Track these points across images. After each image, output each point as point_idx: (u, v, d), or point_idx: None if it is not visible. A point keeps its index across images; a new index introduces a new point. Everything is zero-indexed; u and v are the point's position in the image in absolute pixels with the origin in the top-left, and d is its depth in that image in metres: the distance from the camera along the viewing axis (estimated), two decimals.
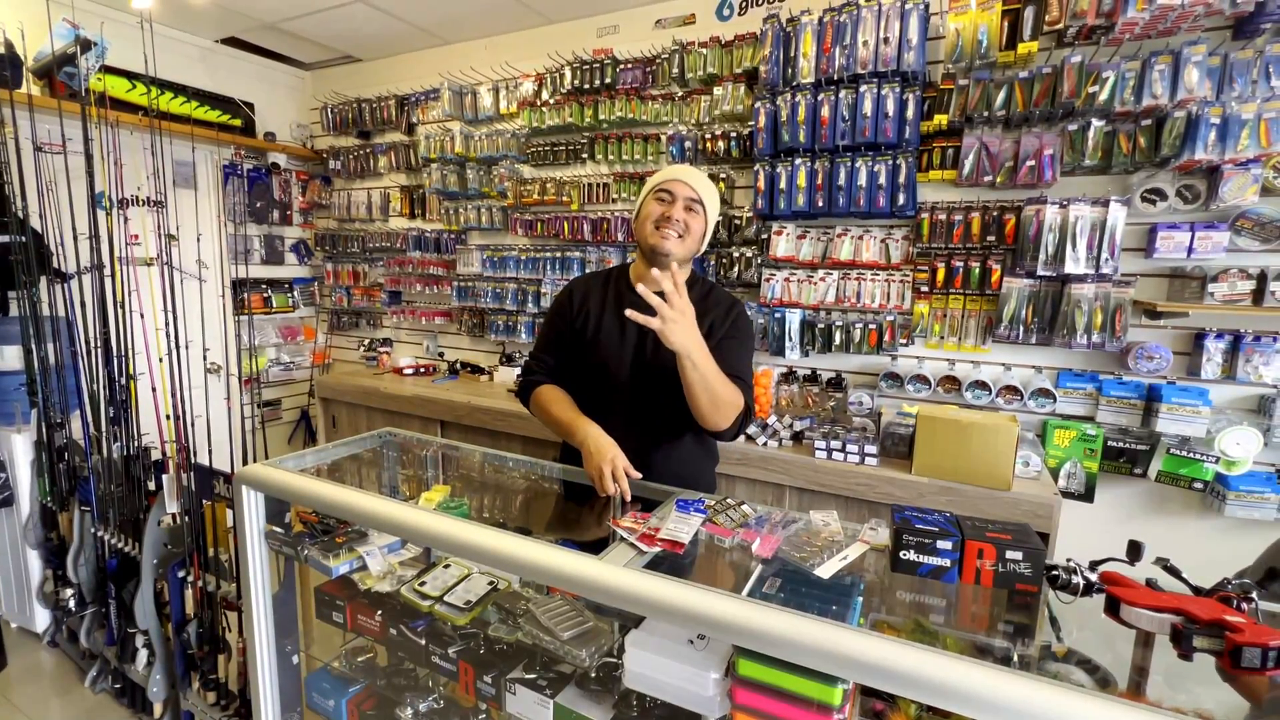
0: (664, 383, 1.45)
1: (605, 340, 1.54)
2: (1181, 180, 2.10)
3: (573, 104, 3.07)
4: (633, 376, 1.52)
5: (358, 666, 1.61)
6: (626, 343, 1.53)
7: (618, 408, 1.52)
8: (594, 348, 1.55)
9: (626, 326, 1.50)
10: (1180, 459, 2.12)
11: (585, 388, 1.58)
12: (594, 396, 1.55)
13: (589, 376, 1.57)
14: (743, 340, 1.54)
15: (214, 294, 3.42)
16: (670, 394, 1.44)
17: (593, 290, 1.60)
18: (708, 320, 1.49)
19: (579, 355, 1.58)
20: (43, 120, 2.49)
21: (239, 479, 1.44)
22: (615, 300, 1.56)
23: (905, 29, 2.28)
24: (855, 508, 2.19)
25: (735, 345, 1.51)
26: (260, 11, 3.22)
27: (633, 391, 1.52)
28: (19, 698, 2.30)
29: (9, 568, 2.62)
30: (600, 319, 1.56)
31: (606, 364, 1.54)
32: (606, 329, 1.55)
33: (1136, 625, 0.83)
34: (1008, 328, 2.30)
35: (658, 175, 1.53)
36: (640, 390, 1.52)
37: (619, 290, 1.58)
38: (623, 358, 1.53)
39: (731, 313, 1.54)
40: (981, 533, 0.97)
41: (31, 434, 2.53)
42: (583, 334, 1.57)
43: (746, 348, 1.55)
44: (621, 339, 1.53)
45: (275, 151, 3.92)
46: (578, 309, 1.59)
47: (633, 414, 1.52)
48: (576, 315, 1.58)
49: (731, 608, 0.86)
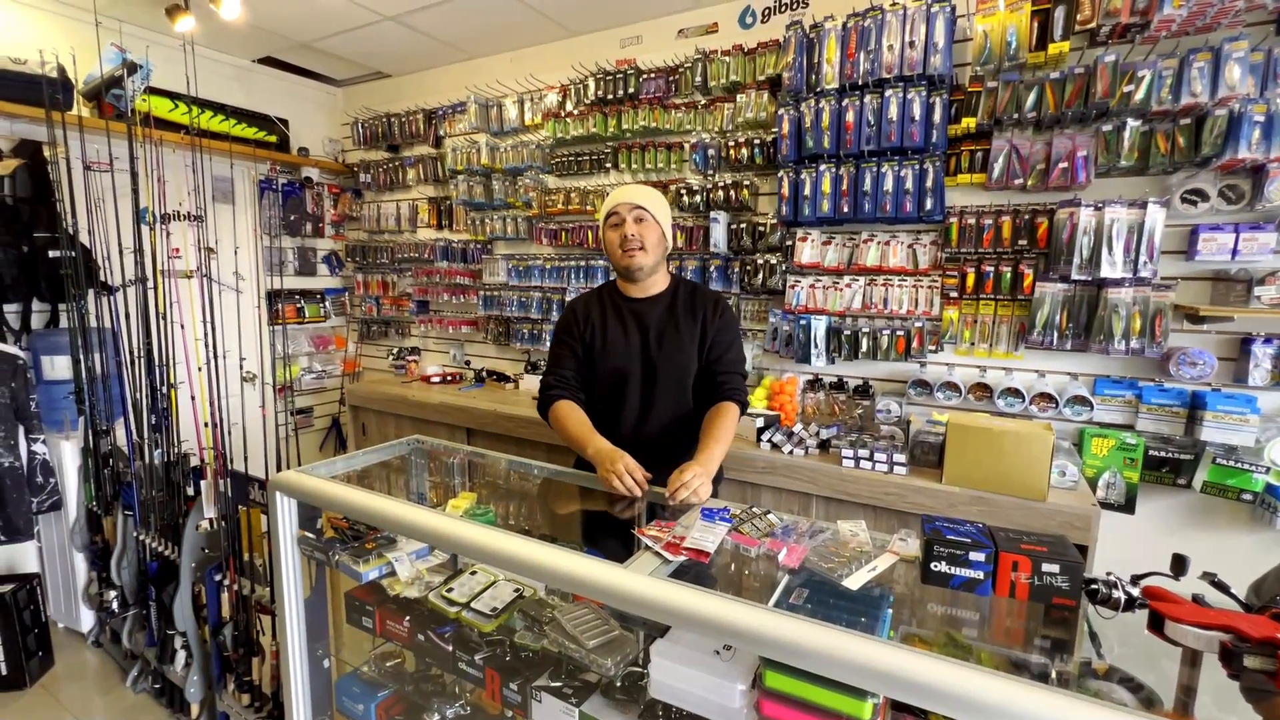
0: (670, 368, 1.71)
1: (614, 345, 1.74)
2: (1224, 180, 2.02)
3: (596, 114, 3.10)
4: (643, 370, 1.73)
5: (386, 671, 1.63)
6: (632, 343, 1.74)
7: (634, 399, 1.73)
8: (606, 354, 1.75)
9: (629, 330, 1.74)
10: (1227, 469, 2.04)
11: (603, 389, 1.76)
12: (612, 395, 1.75)
13: (606, 379, 1.76)
14: (735, 334, 1.77)
15: (250, 305, 3.53)
16: (677, 380, 1.71)
17: (591, 307, 1.80)
18: (699, 314, 1.72)
19: (593, 363, 1.76)
20: (92, 140, 2.60)
21: (273, 485, 1.48)
22: (614, 311, 1.77)
23: (931, 32, 2.25)
24: (884, 517, 2.15)
25: (729, 341, 1.74)
26: (295, 31, 3.33)
27: (644, 383, 1.73)
28: (65, 696, 2.38)
29: (57, 570, 2.72)
30: (605, 329, 1.75)
31: (619, 365, 1.73)
32: (613, 336, 1.74)
33: (1182, 643, 0.80)
34: (1041, 333, 2.24)
35: (604, 206, 1.74)
36: (651, 380, 1.72)
37: (614, 302, 1.79)
38: (631, 356, 1.73)
39: (719, 306, 1.75)
40: (1016, 544, 0.95)
41: (79, 441, 2.63)
42: (593, 345, 1.76)
43: (738, 340, 1.79)
44: (627, 341, 1.74)
45: (308, 166, 4.04)
46: (583, 325, 1.77)
47: (648, 402, 1.73)
48: (584, 330, 1.77)
49: (758, 618, 0.85)
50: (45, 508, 2.50)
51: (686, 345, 1.71)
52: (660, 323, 1.73)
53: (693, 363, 1.72)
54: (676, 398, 1.72)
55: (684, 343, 1.71)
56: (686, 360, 1.71)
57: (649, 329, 1.72)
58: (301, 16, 3.12)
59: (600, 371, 1.75)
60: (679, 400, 1.73)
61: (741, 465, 2.35)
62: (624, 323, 1.74)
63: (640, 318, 1.74)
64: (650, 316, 1.74)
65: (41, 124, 2.61)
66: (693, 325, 1.72)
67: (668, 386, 1.71)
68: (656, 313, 1.74)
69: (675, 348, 1.71)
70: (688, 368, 1.72)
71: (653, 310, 1.74)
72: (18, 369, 2.43)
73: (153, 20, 3.03)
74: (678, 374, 1.71)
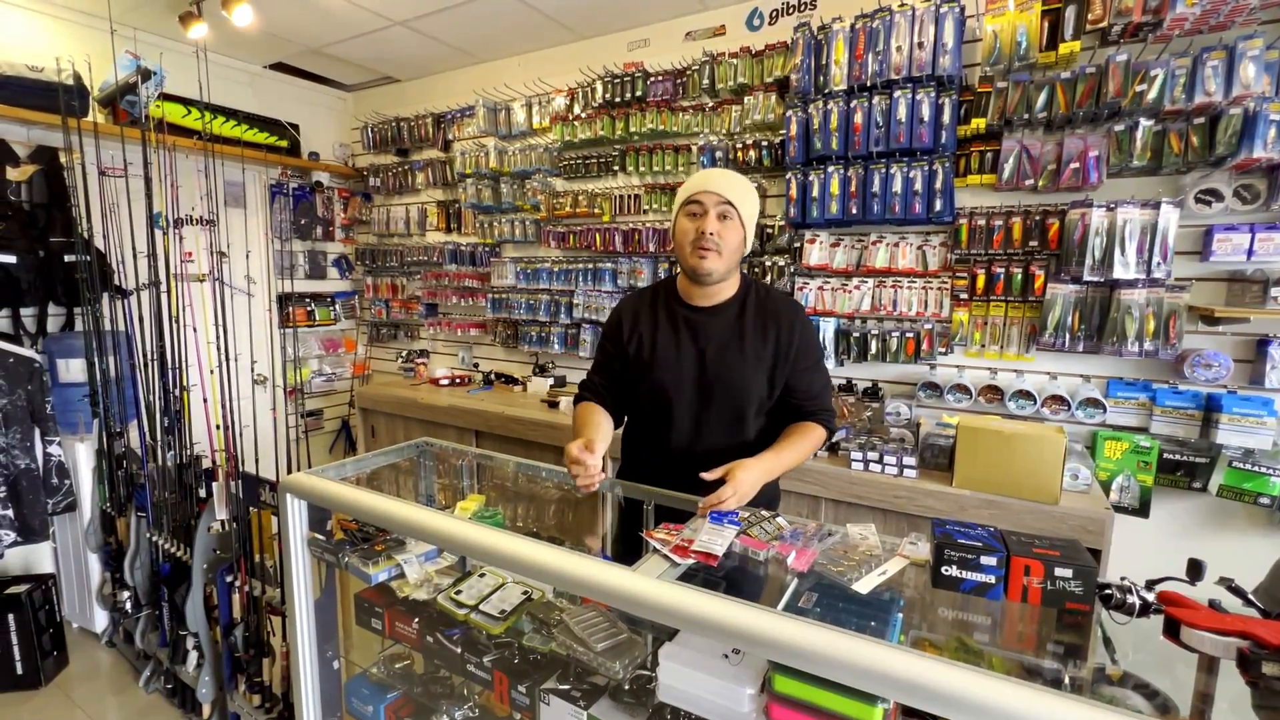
0: (727, 396, 1.45)
1: (662, 359, 1.49)
2: (1239, 180, 2.00)
3: (604, 117, 3.10)
4: (696, 393, 1.47)
5: (395, 673, 1.63)
6: (684, 359, 1.48)
7: (680, 424, 1.48)
8: (651, 367, 1.50)
9: (682, 343, 1.47)
10: (1244, 473, 2.01)
11: (647, 404, 1.53)
12: (657, 413, 1.51)
13: (649, 396, 1.51)
14: (817, 356, 1.51)
15: (261, 308, 3.56)
16: (733, 407, 1.45)
17: (642, 311, 1.55)
18: (771, 333, 1.45)
19: (636, 376, 1.53)
20: (106, 146, 2.64)
21: (283, 487, 1.48)
22: (668, 319, 1.51)
23: (940, 33, 2.24)
24: (894, 521, 2.13)
25: (810, 365, 1.48)
26: (306, 37, 3.37)
27: (696, 405, 1.48)
28: (78, 696, 2.41)
29: (71, 570, 2.75)
30: (655, 339, 1.51)
31: (665, 382, 1.48)
32: (663, 350, 1.49)
33: (1199, 649, 0.79)
34: (1053, 335, 2.22)
35: (686, 186, 1.46)
36: (704, 403, 1.47)
37: (670, 308, 1.52)
38: (681, 374, 1.48)
39: (796, 324, 1.47)
40: (1028, 548, 0.94)
41: (93, 443, 2.67)
42: (639, 356, 1.52)
43: (821, 362, 1.52)
44: (678, 355, 1.48)
45: (319, 170, 4.08)
46: (629, 333, 1.54)
47: (697, 430, 1.48)
48: (629, 340, 1.53)
49: (766, 621, 0.84)
50: (60, 509, 2.53)
51: (751, 370, 1.44)
52: (722, 339, 1.46)
53: (757, 390, 1.45)
54: (731, 425, 1.47)
55: (748, 367, 1.44)
56: (748, 386, 1.45)
57: (708, 345, 1.46)
58: (312, 23, 3.15)
59: (645, 386, 1.51)
60: (735, 429, 1.47)
61: None
62: (677, 334, 1.49)
63: (698, 331, 1.47)
64: (711, 330, 1.47)
65: (58, 130, 2.64)
66: (762, 345, 1.45)
67: (722, 412, 1.46)
68: (719, 326, 1.47)
69: (737, 372, 1.44)
70: (749, 394, 1.45)
71: (715, 322, 1.47)
72: (34, 372, 2.46)
73: (166, 28, 3.08)
74: (735, 400, 1.45)
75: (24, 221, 2.69)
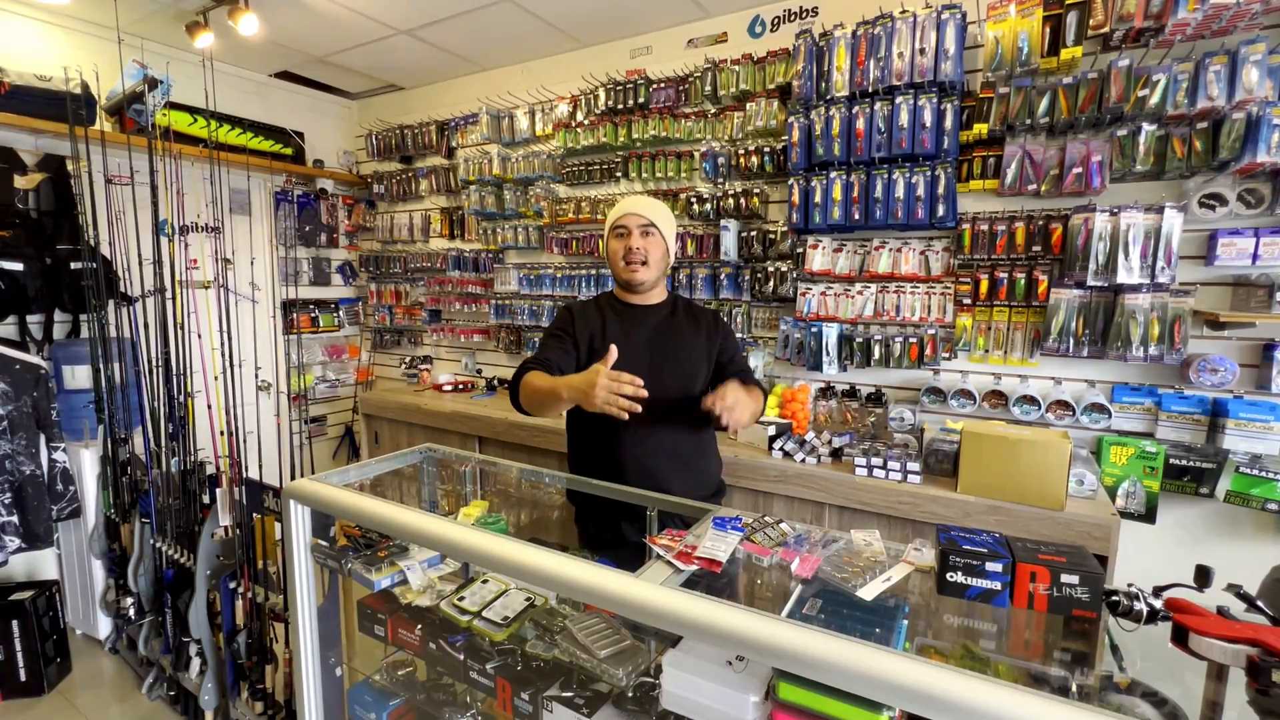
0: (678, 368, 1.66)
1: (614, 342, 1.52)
2: (1243, 184, 2.00)
3: (607, 124, 3.12)
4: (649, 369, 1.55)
5: (398, 680, 1.63)
6: (636, 343, 1.66)
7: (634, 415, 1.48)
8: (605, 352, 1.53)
9: (630, 331, 1.68)
10: (1251, 478, 2.00)
11: None
12: None
13: None
14: (737, 343, 1.81)
15: (265, 315, 3.58)
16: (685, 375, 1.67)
17: (589, 314, 1.74)
18: (702, 328, 1.73)
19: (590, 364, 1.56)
20: (113, 154, 2.66)
21: (286, 494, 1.49)
22: (614, 314, 1.73)
23: (942, 39, 2.25)
24: (898, 527, 2.12)
25: (736, 347, 1.79)
26: (311, 46, 3.39)
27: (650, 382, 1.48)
28: (81, 702, 2.40)
29: (75, 577, 2.76)
30: (604, 330, 1.69)
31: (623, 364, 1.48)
32: (612, 336, 1.66)
33: (1208, 656, 0.78)
34: (1057, 340, 2.21)
35: (612, 213, 1.70)
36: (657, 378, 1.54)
37: (613, 307, 1.75)
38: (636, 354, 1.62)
39: (719, 320, 1.78)
40: (1034, 555, 0.93)
41: (98, 449, 2.68)
42: (591, 345, 1.69)
43: (740, 346, 1.83)
44: (628, 342, 1.64)
45: (323, 178, 4.10)
46: (581, 327, 1.71)
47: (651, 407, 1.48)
48: (581, 332, 1.70)
49: (770, 628, 0.84)
50: (65, 515, 2.54)
51: (691, 347, 1.69)
52: (663, 326, 1.71)
53: (700, 366, 1.69)
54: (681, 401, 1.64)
55: (688, 345, 1.69)
56: (693, 361, 1.68)
57: (652, 332, 1.70)
58: (317, 32, 3.18)
59: None
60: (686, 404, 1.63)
61: (753, 474, 2.33)
62: (624, 323, 1.70)
63: (641, 321, 1.71)
64: (650, 318, 1.72)
65: (65, 139, 2.67)
66: (696, 333, 1.71)
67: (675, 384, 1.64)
68: (657, 316, 1.72)
69: (680, 347, 1.68)
70: (695, 372, 1.68)
71: (653, 313, 1.73)
72: (40, 378, 2.47)
73: (173, 37, 3.11)
74: (684, 374, 1.67)
75: (31, 229, 2.71)
